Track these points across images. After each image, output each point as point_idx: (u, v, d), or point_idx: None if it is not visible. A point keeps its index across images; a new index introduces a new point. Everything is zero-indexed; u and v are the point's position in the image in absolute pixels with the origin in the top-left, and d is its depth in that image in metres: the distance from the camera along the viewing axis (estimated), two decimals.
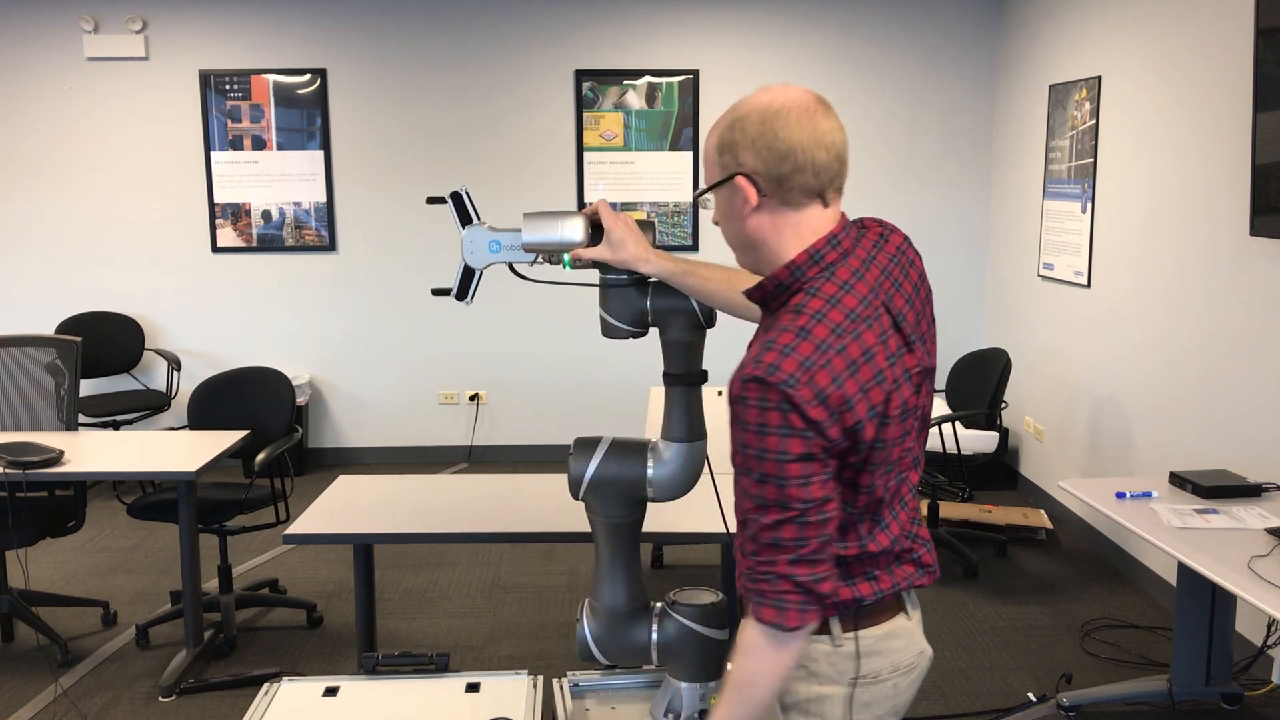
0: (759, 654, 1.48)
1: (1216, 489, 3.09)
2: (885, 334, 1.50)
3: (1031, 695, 3.50)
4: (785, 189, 1.50)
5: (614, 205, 6.16)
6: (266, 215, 6.11)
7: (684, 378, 1.93)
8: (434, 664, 2.04)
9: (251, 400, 4.23)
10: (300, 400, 6.07)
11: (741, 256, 1.62)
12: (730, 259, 1.74)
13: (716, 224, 1.61)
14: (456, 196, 1.96)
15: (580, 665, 3.73)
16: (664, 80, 6.06)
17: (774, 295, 1.55)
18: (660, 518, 2.93)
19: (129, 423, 5.83)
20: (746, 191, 1.51)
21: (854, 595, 1.57)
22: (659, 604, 2.00)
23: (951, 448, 4.67)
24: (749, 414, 1.41)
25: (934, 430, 4.59)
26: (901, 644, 1.62)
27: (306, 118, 6.06)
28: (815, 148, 1.48)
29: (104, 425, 5.70)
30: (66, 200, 6.09)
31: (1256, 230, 3.49)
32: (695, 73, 6.05)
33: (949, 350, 6.00)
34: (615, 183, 6.14)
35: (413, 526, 2.95)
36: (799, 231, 1.53)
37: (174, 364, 5.99)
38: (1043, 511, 5.16)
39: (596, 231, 1.89)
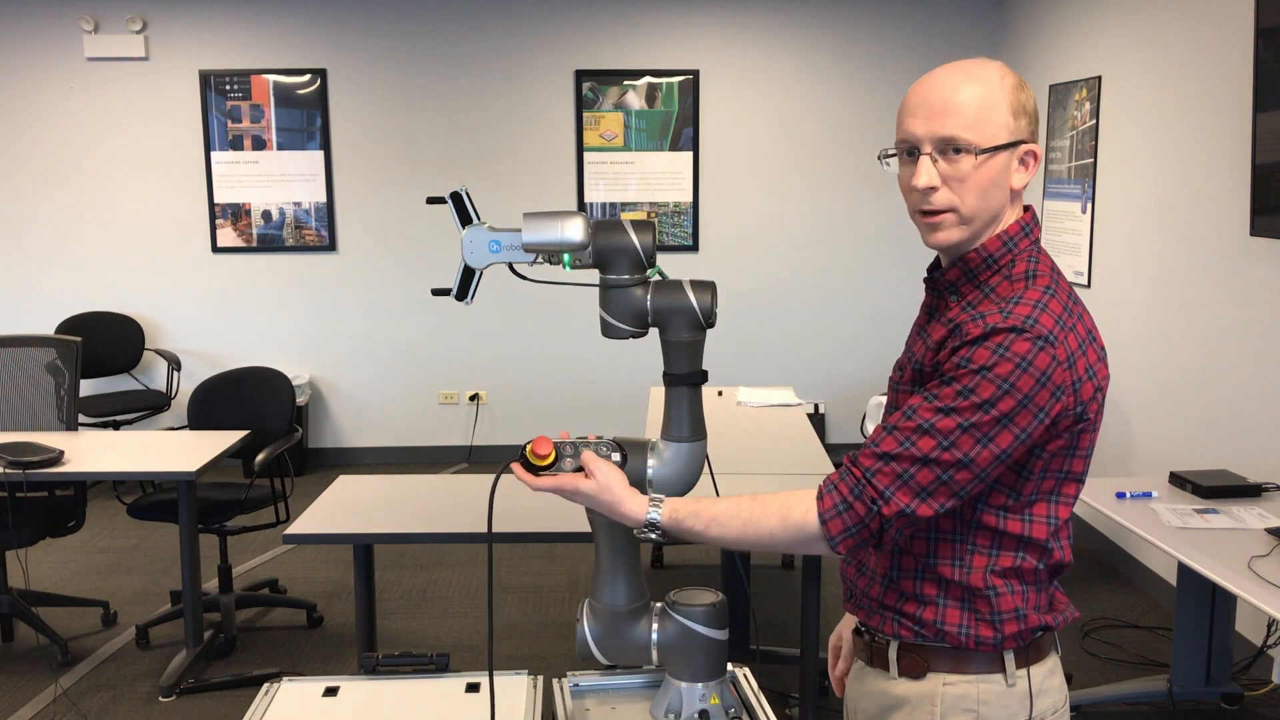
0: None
1: (1216, 489, 3.08)
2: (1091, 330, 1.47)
3: None
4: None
5: (614, 205, 6.16)
6: (267, 215, 6.11)
7: (685, 378, 1.92)
8: (434, 664, 2.04)
9: (251, 400, 4.23)
10: (300, 400, 6.07)
11: (965, 230, 1.47)
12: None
13: (932, 190, 1.43)
14: (456, 196, 1.96)
15: (580, 665, 3.73)
16: (664, 80, 6.06)
17: (981, 268, 1.47)
18: None
19: (129, 423, 5.83)
20: (1038, 159, 1.46)
21: (1040, 622, 1.50)
22: (659, 604, 2.00)
23: None
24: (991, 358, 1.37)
25: None
26: (1059, 682, 1.55)
27: (306, 118, 6.06)
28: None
29: (104, 425, 5.70)
30: (66, 200, 6.09)
31: (1256, 230, 3.49)
32: (695, 73, 6.05)
33: None
34: (615, 183, 6.14)
35: (413, 526, 2.95)
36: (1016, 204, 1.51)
37: (174, 364, 5.99)
38: None
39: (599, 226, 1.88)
